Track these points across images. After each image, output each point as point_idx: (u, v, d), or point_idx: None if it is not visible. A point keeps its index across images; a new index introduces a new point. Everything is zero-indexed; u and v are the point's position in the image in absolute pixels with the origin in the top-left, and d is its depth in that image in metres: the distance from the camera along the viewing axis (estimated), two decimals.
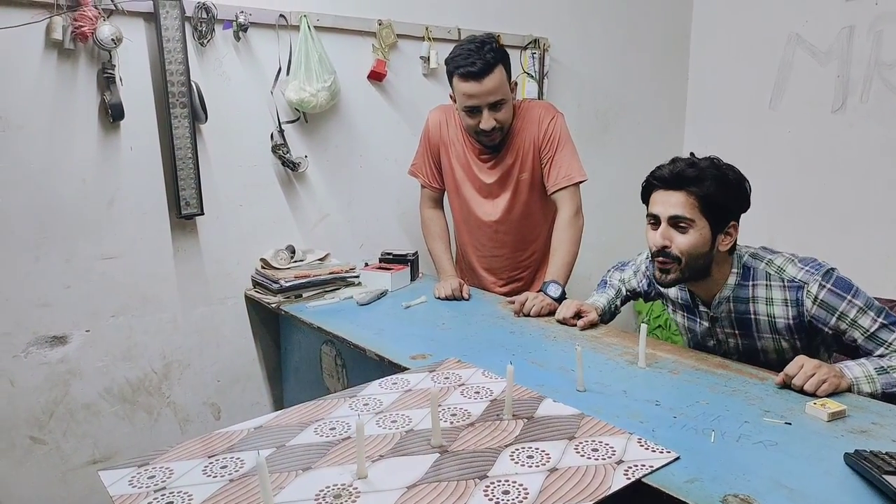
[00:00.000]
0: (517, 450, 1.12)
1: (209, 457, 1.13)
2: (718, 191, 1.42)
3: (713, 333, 1.62)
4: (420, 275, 2.43)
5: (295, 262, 2.25)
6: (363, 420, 1.05)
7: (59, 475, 1.97)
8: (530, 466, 1.06)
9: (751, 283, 1.49)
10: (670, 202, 1.44)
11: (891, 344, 1.39)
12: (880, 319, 1.40)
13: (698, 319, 1.64)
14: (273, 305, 2.10)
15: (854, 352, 1.47)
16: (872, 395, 1.34)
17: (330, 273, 2.20)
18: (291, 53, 2.17)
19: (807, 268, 1.45)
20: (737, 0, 3.31)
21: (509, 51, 2.13)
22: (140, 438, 2.09)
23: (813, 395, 1.30)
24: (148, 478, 1.07)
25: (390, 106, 2.49)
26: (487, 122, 1.97)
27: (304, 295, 2.14)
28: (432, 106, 2.30)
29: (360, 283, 2.24)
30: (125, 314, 2.02)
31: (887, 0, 2.78)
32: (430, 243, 2.31)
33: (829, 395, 1.30)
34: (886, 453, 1.02)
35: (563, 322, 1.81)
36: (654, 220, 1.49)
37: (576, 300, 1.83)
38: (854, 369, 1.37)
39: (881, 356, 1.41)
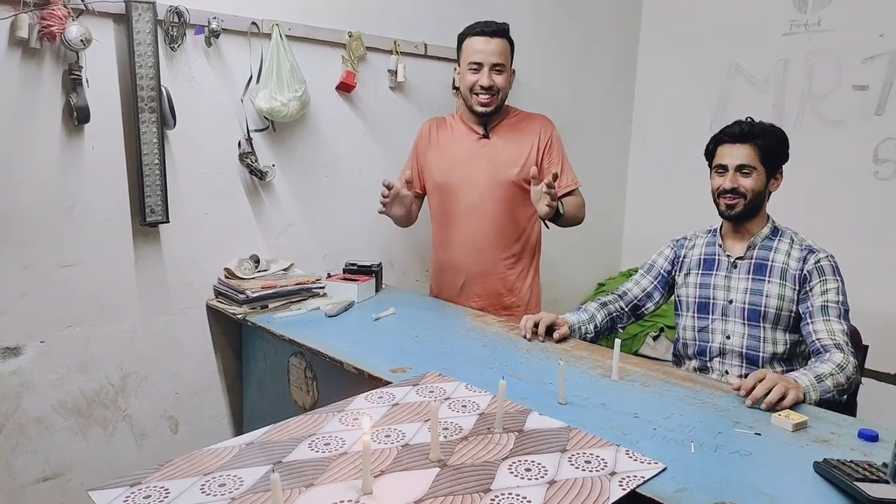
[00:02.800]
0: (514, 463, 1.16)
1: (204, 475, 1.11)
2: (774, 144, 1.82)
3: (727, 279, 1.88)
4: (384, 286, 2.44)
5: (259, 271, 2.22)
6: (363, 435, 1.06)
7: (6, 494, 1.86)
8: (530, 479, 1.10)
9: (777, 238, 1.87)
10: (738, 154, 1.81)
11: (828, 323, 1.70)
12: (840, 306, 1.74)
13: (714, 272, 1.91)
14: (239, 316, 2.06)
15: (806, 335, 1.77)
16: (815, 402, 1.47)
17: (297, 284, 2.18)
18: (262, 61, 2.15)
19: (820, 246, 1.84)
20: (681, 30, 3.49)
21: None
22: (94, 454, 2.01)
23: (772, 408, 1.40)
24: (143, 497, 1.04)
25: (357, 117, 2.49)
26: (487, 79, 2.14)
27: (271, 306, 2.12)
28: (399, 118, 2.35)
29: (325, 294, 2.24)
30: (82, 324, 1.94)
31: (819, 37, 3.00)
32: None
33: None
34: (852, 461, 1.11)
35: (535, 332, 1.85)
36: (723, 169, 1.83)
37: (551, 313, 1.88)
38: (802, 379, 1.49)
39: (816, 355, 1.65)
